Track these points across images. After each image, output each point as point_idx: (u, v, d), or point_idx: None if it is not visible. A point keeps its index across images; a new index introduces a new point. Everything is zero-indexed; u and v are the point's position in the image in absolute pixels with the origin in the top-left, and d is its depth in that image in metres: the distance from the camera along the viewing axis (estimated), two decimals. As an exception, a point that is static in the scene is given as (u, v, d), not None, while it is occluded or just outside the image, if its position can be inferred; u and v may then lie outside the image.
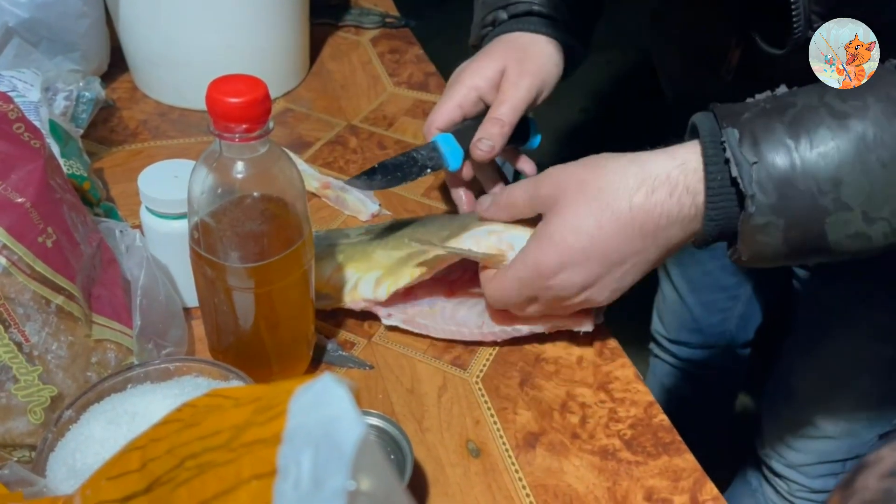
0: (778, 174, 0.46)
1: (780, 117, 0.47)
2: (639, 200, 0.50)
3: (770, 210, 0.46)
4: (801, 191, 0.46)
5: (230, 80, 0.46)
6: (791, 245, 0.48)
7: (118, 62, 0.87)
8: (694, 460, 0.54)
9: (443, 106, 0.64)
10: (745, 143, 0.47)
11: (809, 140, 0.46)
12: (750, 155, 0.46)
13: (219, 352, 0.55)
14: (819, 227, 0.47)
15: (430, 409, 0.56)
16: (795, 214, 0.46)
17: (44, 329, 0.47)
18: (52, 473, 0.43)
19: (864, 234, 0.47)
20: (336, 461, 0.23)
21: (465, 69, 0.65)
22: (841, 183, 0.46)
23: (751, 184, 0.46)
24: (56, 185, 0.51)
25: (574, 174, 0.53)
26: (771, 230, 0.47)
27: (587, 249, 0.51)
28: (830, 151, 0.46)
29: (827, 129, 0.46)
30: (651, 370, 1.20)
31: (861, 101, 0.46)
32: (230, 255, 0.49)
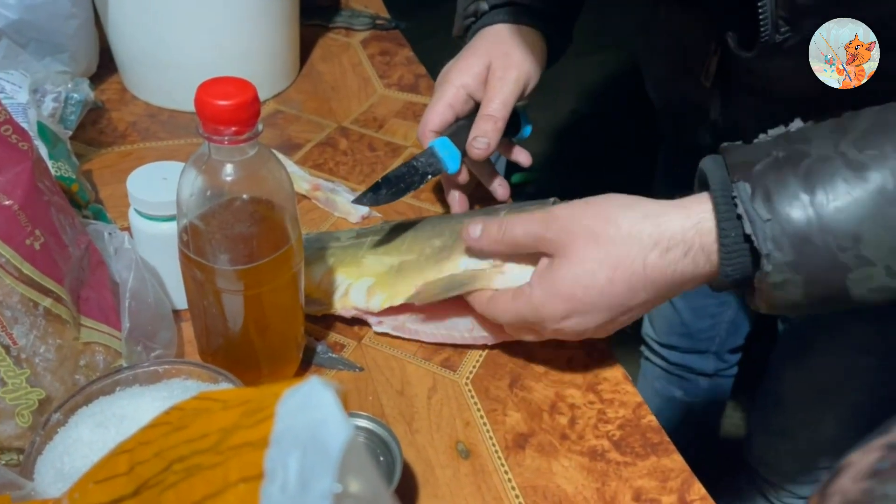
0: (794, 230, 0.44)
1: (794, 170, 0.45)
2: (653, 260, 0.49)
3: (787, 267, 0.45)
4: (818, 247, 0.44)
5: (219, 83, 0.46)
6: (812, 300, 0.46)
7: (107, 63, 0.86)
8: (682, 461, 0.54)
9: (434, 108, 0.65)
10: (757, 199, 0.45)
11: (826, 193, 0.44)
12: (763, 211, 0.45)
13: (208, 354, 0.55)
14: (840, 283, 0.45)
15: (420, 410, 0.56)
16: (814, 271, 0.44)
17: (32, 332, 0.47)
18: (40, 477, 0.43)
19: (889, 288, 0.45)
20: (322, 464, 0.23)
21: (452, 68, 0.65)
22: (861, 239, 0.43)
23: (765, 241, 0.44)
24: (44, 187, 0.51)
25: (584, 222, 0.51)
26: (789, 287, 0.45)
27: (596, 302, 0.50)
28: (849, 206, 0.44)
29: (843, 181, 0.44)
30: (642, 373, 1.20)
31: (878, 150, 0.44)
32: (219, 258, 0.49)
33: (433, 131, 0.64)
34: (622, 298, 0.50)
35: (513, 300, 0.53)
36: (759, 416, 0.95)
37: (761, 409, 0.94)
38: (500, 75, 0.63)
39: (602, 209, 0.51)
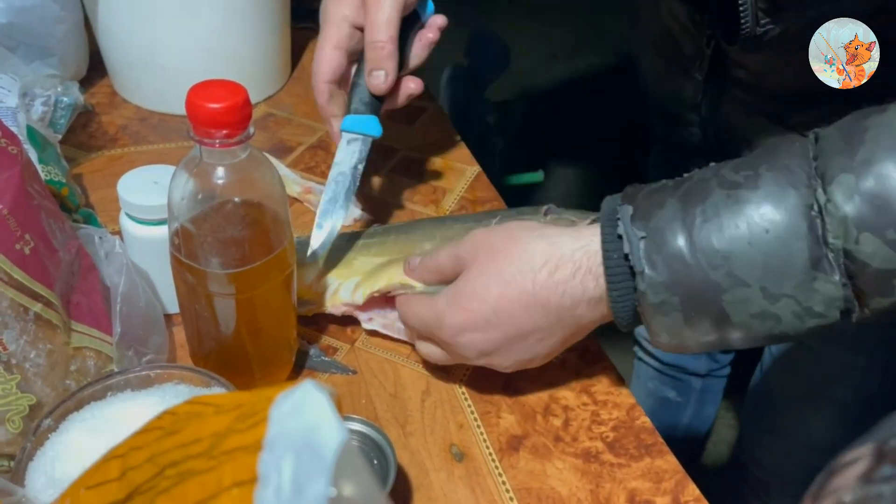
0: (668, 249, 0.44)
1: (674, 191, 0.45)
2: (542, 278, 0.49)
3: (663, 287, 0.44)
4: (691, 265, 0.43)
5: (210, 86, 0.45)
6: (696, 327, 0.45)
7: (97, 67, 0.86)
8: (676, 462, 0.54)
9: (321, 54, 0.60)
10: (636, 218, 0.45)
11: (700, 212, 0.44)
12: (639, 230, 0.45)
13: (200, 358, 0.55)
14: (717, 305, 0.43)
15: (414, 413, 0.56)
16: (689, 291, 0.44)
17: (22, 337, 0.47)
18: (31, 483, 0.43)
19: (770, 314, 0.43)
20: (317, 468, 0.23)
21: (328, 3, 0.60)
22: (731, 256, 0.42)
23: (640, 259, 0.44)
24: (34, 191, 0.50)
25: (489, 240, 0.52)
26: (668, 310, 0.44)
27: (489, 318, 0.50)
28: (719, 224, 0.43)
29: (716, 200, 0.43)
30: (635, 374, 1.20)
31: (753, 171, 0.43)
32: (211, 261, 0.49)
33: (327, 82, 0.60)
34: (516, 318, 0.50)
35: (422, 304, 0.54)
36: (750, 415, 0.95)
37: (752, 408, 0.94)
38: (372, 2, 0.58)
39: (510, 230, 0.52)
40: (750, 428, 0.95)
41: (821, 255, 0.41)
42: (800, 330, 0.44)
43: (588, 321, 0.51)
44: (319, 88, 0.61)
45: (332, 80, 0.61)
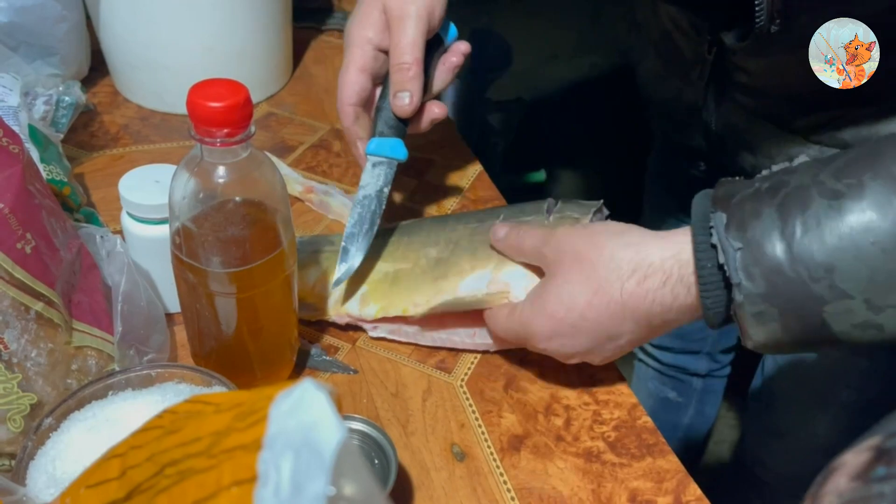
0: (766, 261, 0.43)
1: (771, 199, 0.44)
2: (630, 287, 0.49)
3: (761, 299, 0.43)
4: (790, 278, 0.42)
5: (211, 85, 0.45)
6: (793, 335, 0.44)
7: (99, 66, 0.86)
8: (677, 461, 0.54)
9: (346, 77, 0.59)
10: (731, 228, 0.44)
11: (798, 223, 0.42)
12: (735, 241, 0.44)
13: (201, 357, 0.55)
14: (818, 317, 0.43)
15: (415, 413, 0.56)
16: (789, 303, 0.43)
17: (23, 336, 0.47)
18: (33, 482, 0.43)
19: (873, 324, 0.42)
20: (316, 466, 0.23)
21: (351, 26, 0.60)
22: (834, 269, 0.41)
23: (736, 271, 0.43)
24: (35, 190, 0.50)
25: (574, 245, 0.52)
26: (767, 319, 0.44)
27: (577, 325, 0.51)
28: (821, 235, 0.42)
29: (817, 210, 0.42)
30: (636, 374, 1.20)
31: (856, 179, 0.42)
32: (212, 261, 0.49)
33: (352, 104, 0.60)
34: (604, 325, 0.50)
35: (507, 316, 0.55)
36: (752, 416, 0.95)
37: (754, 409, 0.94)
38: (398, 14, 0.57)
39: (593, 234, 0.52)
40: (752, 429, 0.95)
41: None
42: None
43: (677, 323, 0.50)
44: (344, 111, 0.60)
45: (356, 102, 0.60)
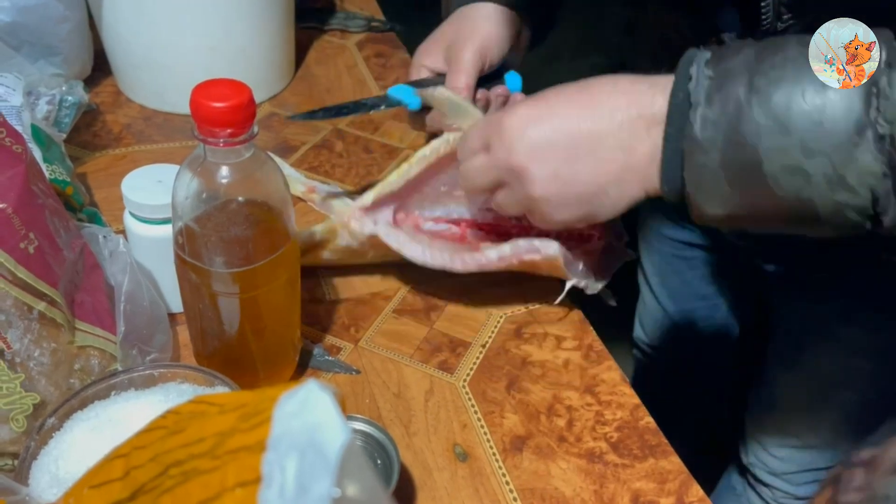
0: (728, 89, 0.44)
1: (754, 45, 0.46)
2: (623, 83, 0.50)
3: (711, 124, 0.45)
4: (742, 106, 0.44)
5: (214, 85, 0.45)
6: (728, 170, 0.45)
7: (101, 66, 0.86)
8: (680, 462, 0.54)
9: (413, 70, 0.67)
10: (711, 62, 0.46)
11: (769, 64, 0.44)
12: (709, 70, 0.46)
13: (204, 357, 0.55)
14: (754, 150, 0.44)
15: (417, 413, 0.56)
16: (734, 130, 0.44)
17: (26, 336, 0.47)
18: (35, 482, 0.43)
19: (801, 170, 0.43)
20: (321, 467, 0.23)
21: (418, 52, 0.68)
22: (786, 106, 0.43)
23: (699, 94, 0.45)
24: (38, 190, 0.50)
25: None
26: (709, 147, 0.45)
27: (558, 106, 0.51)
28: (783, 75, 0.44)
29: (788, 52, 0.45)
30: (635, 375, 1.20)
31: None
32: (215, 261, 0.49)
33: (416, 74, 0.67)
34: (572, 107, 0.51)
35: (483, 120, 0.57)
36: (753, 417, 0.95)
37: (755, 410, 0.94)
38: (460, 46, 0.65)
39: None
40: (753, 430, 0.95)
41: (867, 124, 0.42)
42: (827, 200, 0.43)
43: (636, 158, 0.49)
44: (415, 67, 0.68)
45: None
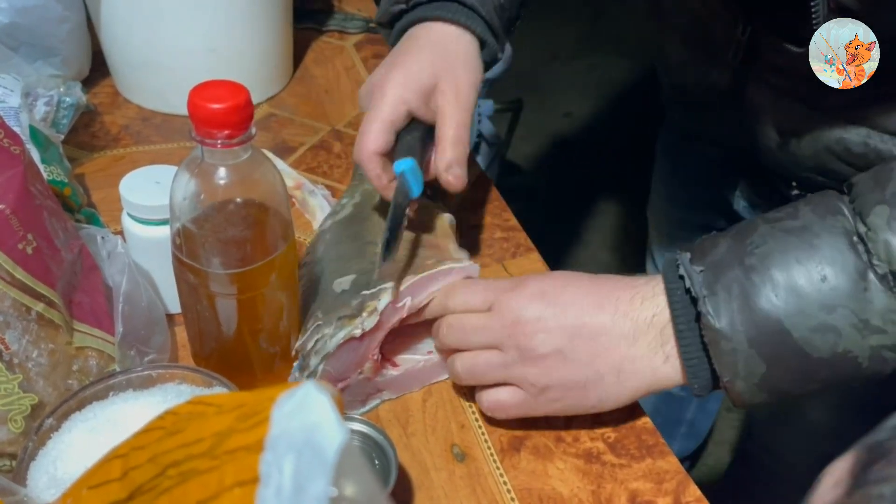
0: (725, 276, 0.47)
1: (725, 235, 0.50)
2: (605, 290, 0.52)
3: (724, 312, 0.46)
4: (745, 286, 0.46)
5: (212, 86, 0.46)
6: (760, 348, 0.46)
7: (100, 67, 0.86)
8: (677, 462, 0.54)
9: (374, 125, 0.57)
10: (695, 260, 0.49)
11: (749, 242, 0.48)
12: (698, 266, 0.48)
13: (202, 358, 0.55)
14: (778, 323, 0.45)
15: (415, 413, 0.56)
16: (749, 308, 0.46)
17: (24, 337, 0.47)
18: (33, 482, 0.43)
19: (829, 326, 0.45)
20: (318, 467, 0.23)
21: (390, 79, 0.58)
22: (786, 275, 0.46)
23: (700, 287, 0.47)
24: (36, 191, 0.50)
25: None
26: (731, 332, 0.46)
27: (567, 288, 0.52)
28: (769, 248, 0.47)
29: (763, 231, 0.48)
30: None
31: (793, 209, 0.49)
32: (212, 262, 0.49)
33: (376, 153, 0.57)
34: (576, 302, 0.51)
35: (477, 284, 0.54)
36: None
37: None
38: (455, 96, 0.58)
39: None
40: (759, 416, 0.94)
41: (866, 268, 0.44)
42: (863, 348, 0.45)
43: (638, 355, 0.50)
44: (368, 158, 0.58)
45: (379, 152, 0.58)
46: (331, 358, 0.53)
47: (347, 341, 0.52)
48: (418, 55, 0.59)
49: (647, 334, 0.50)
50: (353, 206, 0.66)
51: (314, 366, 0.53)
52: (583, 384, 0.51)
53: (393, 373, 0.57)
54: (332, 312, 0.54)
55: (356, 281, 0.56)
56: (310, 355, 0.53)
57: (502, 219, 0.74)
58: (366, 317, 0.53)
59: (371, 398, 0.57)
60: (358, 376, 0.54)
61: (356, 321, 0.53)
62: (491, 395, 0.53)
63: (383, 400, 0.57)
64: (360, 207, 0.65)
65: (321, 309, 0.55)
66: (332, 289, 0.57)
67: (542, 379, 0.51)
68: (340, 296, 0.56)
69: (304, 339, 0.55)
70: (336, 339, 0.52)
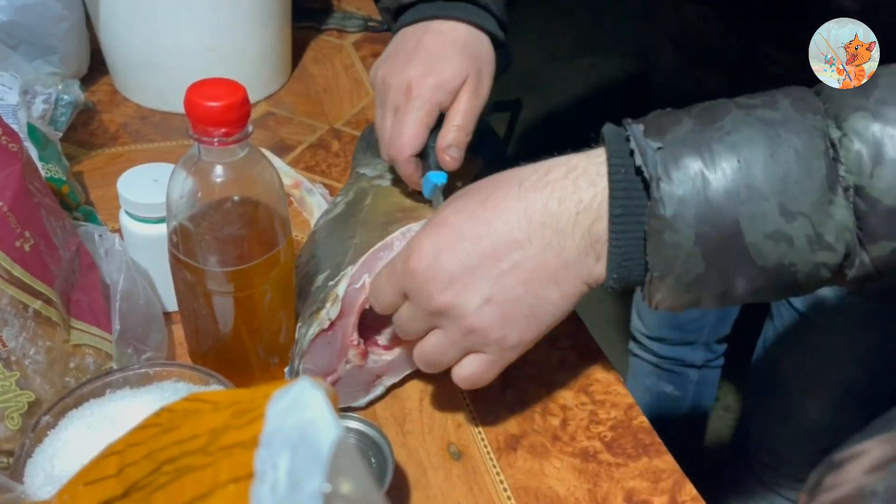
0: (685, 161, 0.41)
1: (688, 112, 0.44)
2: (531, 181, 0.46)
3: (678, 201, 0.41)
4: (707, 178, 0.41)
5: (209, 84, 0.46)
6: (705, 246, 0.41)
7: (98, 65, 0.86)
8: (673, 461, 0.54)
9: (411, 128, 0.59)
10: (649, 134, 0.43)
11: (718, 128, 0.42)
12: (654, 142, 0.42)
13: (199, 356, 0.55)
14: (733, 219, 0.41)
15: (412, 412, 0.56)
16: (705, 203, 0.41)
17: (21, 334, 0.47)
18: (30, 479, 0.43)
19: (784, 234, 0.41)
20: (312, 464, 0.23)
21: (425, 84, 0.59)
22: (750, 167, 0.41)
23: (655, 168, 0.41)
24: (34, 189, 0.50)
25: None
26: (680, 224, 0.41)
27: (463, 229, 0.46)
28: (739, 138, 0.41)
29: (735, 116, 0.42)
30: (631, 370, 1.21)
31: (770, 97, 0.43)
32: (209, 260, 0.49)
33: (412, 155, 0.59)
34: (492, 226, 0.45)
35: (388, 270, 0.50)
36: (755, 400, 0.95)
37: (757, 393, 0.94)
38: (473, 90, 0.61)
39: None
40: (756, 413, 0.94)
41: (836, 177, 0.40)
42: (808, 263, 0.42)
43: (567, 254, 0.45)
44: (405, 161, 0.60)
45: (415, 154, 0.60)
46: (306, 355, 0.52)
47: (318, 335, 0.52)
48: (451, 60, 0.60)
49: (574, 236, 0.45)
50: (345, 204, 0.66)
51: (296, 367, 0.53)
52: (531, 313, 0.46)
53: (387, 357, 0.56)
54: (307, 310, 0.54)
55: (329, 275, 0.56)
56: (294, 357, 0.53)
57: (500, 218, 0.74)
58: (329, 306, 0.52)
59: (372, 386, 0.56)
60: (346, 366, 0.54)
61: (321, 313, 0.52)
62: (460, 372, 0.49)
63: (386, 386, 0.57)
64: (351, 205, 0.66)
65: (303, 310, 0.56)
66: (312, 289, 0.57)
67: (492, 333, 0.47)
68: (314, 293, 0.56)
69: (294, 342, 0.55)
70: (308, 336, 0.52)
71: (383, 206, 0.64)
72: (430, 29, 0.62)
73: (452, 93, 0.60)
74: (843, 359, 0.81)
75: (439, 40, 0.61)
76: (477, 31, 0.62)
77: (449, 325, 0.48)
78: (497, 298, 0.46)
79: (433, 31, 0.62)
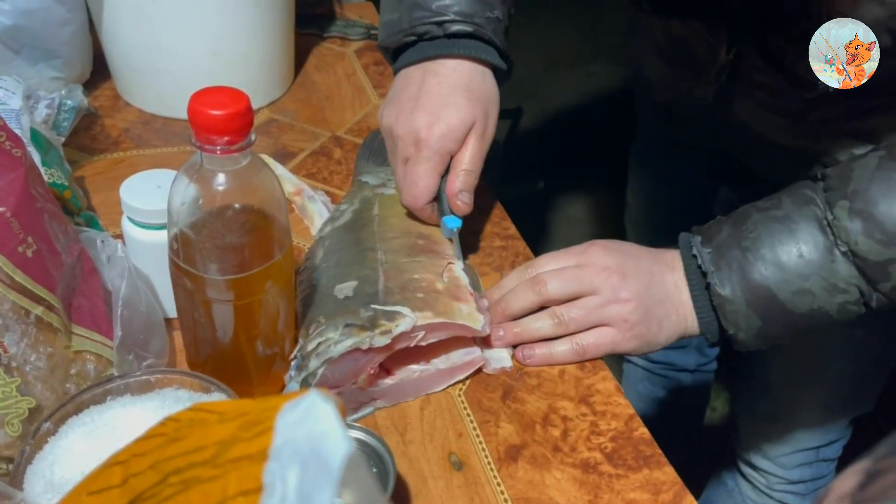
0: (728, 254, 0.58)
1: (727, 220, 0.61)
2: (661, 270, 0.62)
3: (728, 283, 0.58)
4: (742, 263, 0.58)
5: (212, 92, 0.46)
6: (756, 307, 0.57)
7: (101, 70, 0.86)
8: (674, 473, 0.54)
9: (425, 180, 0.61)
10: (703, 243, 0.60)
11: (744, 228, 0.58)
12: (706, 247, 0.59)
13: (197, 365, 0.55)
14: (767, 289, 0.57)
15: (413, 422, 0.56)
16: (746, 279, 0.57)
17: (22, 340, 0.47)
18: (30, 487, 0.43)
19: (806, 290, 0.56)
20: (323, 478, 0.23)
21: (434, 133, 0.60)
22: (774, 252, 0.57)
23: (707, 264, 0.58)
24: (37, 194, 0.50)
25: None
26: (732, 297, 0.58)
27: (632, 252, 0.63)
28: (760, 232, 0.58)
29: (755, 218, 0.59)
30: (625, 377, 1.21)
31: (777, 199, 0.59)
32: (209, 267, 0.49)
33: (427, 203, 0.63)
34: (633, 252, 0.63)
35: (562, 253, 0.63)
36: (745, 403, 0.96)
37: (747, 396, 0.94)
38: (480, 133, 0.62)
39: None
40: (746, 416, 0.95)
41: (833, 246, 0.56)
42: (832, 305, 0.56)
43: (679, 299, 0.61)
44: (420, 209, 0.64)
45: (430, 201, 0.63)
46: (333, 363, 0.52)
47: (352, 351, 0.52)
48: (457, 106, 0.61)
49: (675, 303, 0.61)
50: (352, 212, 0.66)
51: (314, 368, 0.52)
52: (658, 321, 0.60)
53: (388, 381, 0.57)
54: (336, 317, 0.54)
55: (358, 288, 0.57)
56: (310, 356, 0.53)
57: (501, 227, 0.74)
58: (377, 334, 0.53)
59: (364, 406, 0.57)
60: (352, 386, 0.54)
61: (365, 334, 0.53)
62: (584, 338, 0.60)
63: (377, 408, 0.57)
64: (359, 214, 0.66)
65: (323, 314, 0.56)
66: (333, 294, 0.57)
67: (634, 315, 0.59)
68: (343, 302, 0.56)
69: (305, 340, 0.55)
70: (342, 346, 0.52)
71: (393, 218, 0.65)
72: (432, 71, 0.62)
73: (460, 140, 0.62)
74: (828, 357, 0.83)
75: (443, 83, 0.62)
76: (480, 67, 0.63)
77: (606, 291, 0.59)
78: (647, 297, 0.60)
79: (435, 74, 0.62)
